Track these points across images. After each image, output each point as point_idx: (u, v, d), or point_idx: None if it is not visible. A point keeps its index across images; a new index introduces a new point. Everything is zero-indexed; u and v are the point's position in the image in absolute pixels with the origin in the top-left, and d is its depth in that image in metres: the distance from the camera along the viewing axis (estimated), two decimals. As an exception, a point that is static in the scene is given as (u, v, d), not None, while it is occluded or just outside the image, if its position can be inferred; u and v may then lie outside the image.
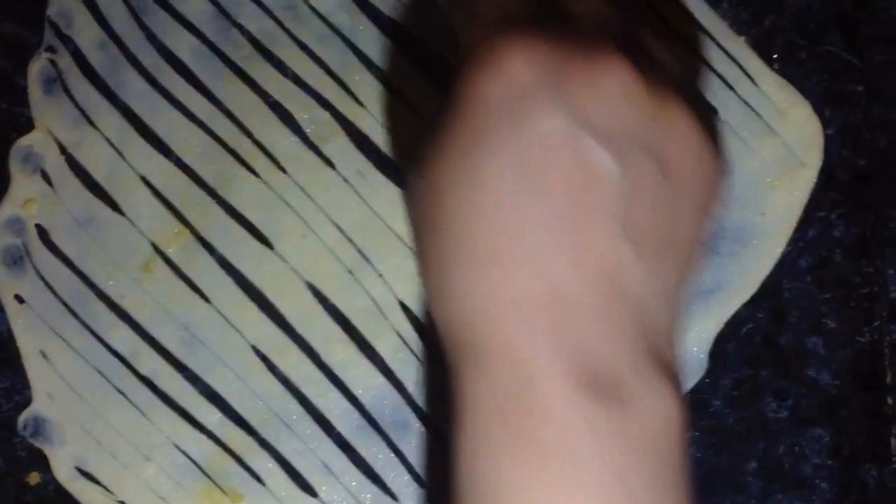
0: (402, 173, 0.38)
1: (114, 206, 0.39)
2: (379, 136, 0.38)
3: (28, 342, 0.38)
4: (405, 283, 0.37)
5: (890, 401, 0.37)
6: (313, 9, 0.39)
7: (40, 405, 0.37)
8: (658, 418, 0.23)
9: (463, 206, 0.24)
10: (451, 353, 0.25)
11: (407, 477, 0.37)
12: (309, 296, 0.38)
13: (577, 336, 0.23)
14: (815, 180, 0.37)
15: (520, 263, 0.23)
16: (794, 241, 0.37)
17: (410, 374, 0.37)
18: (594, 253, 0.23)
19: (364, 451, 0.37)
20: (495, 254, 0.24)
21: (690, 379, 0.36)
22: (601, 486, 0.22)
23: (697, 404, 0.36)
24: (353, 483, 0.37)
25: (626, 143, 0.24)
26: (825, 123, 0.38)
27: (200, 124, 0.39)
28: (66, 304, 0.38)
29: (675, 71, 0.27)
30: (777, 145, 0.38)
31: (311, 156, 0.38)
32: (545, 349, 0.23)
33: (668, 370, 0.24)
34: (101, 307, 0.38)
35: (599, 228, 0.23)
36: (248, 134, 0.39)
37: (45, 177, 0.39)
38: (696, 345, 0.37)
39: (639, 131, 0.24)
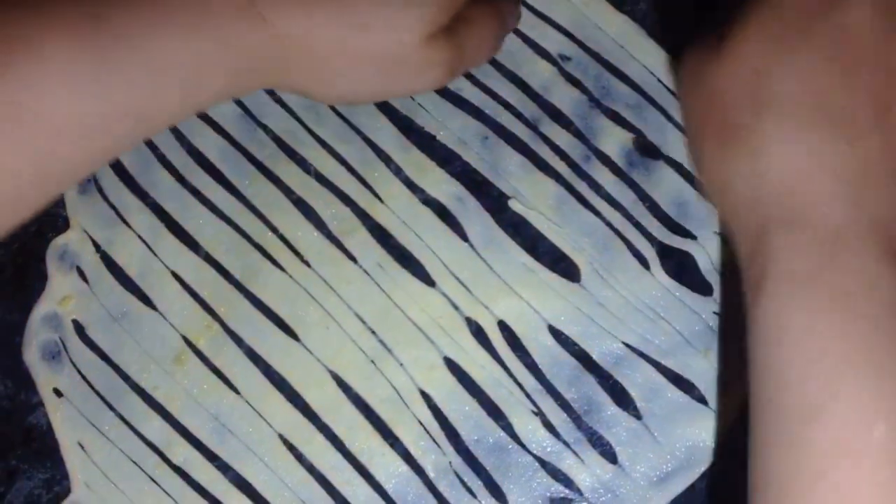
0: (419, 265, 0.39)
1: (146, 300, 0.40)
2: (397, 229, 0.40)
3: (66, 434, 0.40)
4: (425, 372, 0.39)
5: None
6: (333, 108, 0.41)
7: (79, 495, 0.39)
8: None
9: (787, 74, 0.28)
10: (746, 232, 0.28)
11: (429, 561, 0.38)
12: (333, 385, 0.39)
13: (878, 211, 0.27)
14: None
15: (835, 136, 0.28)
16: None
17: (432, 461, 0.38)
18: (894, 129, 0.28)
19: (388, 537, 0.38)
20: (811, 122, 0.28)
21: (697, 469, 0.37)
22: None
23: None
24: (378, 568, 0.38)
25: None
26: None
27: (228, 220, 0.40)
28: (101, 397, 0.40)
29: None
30: None
31: (333, 249, 0.40)
32: (856, 219, 0.27)
33: None
34: (135, 399, 0.40)
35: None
36: (273, 229, 0.40)
37: (81, 274, 0.41)
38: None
39: None
